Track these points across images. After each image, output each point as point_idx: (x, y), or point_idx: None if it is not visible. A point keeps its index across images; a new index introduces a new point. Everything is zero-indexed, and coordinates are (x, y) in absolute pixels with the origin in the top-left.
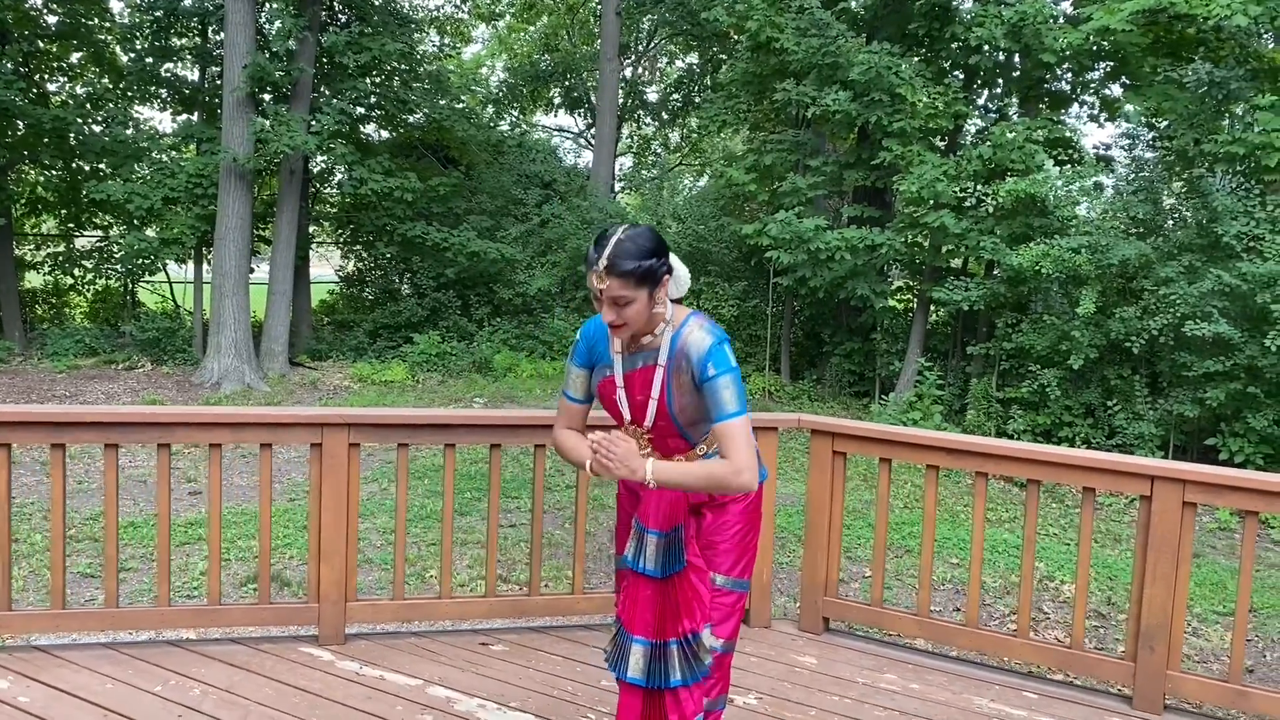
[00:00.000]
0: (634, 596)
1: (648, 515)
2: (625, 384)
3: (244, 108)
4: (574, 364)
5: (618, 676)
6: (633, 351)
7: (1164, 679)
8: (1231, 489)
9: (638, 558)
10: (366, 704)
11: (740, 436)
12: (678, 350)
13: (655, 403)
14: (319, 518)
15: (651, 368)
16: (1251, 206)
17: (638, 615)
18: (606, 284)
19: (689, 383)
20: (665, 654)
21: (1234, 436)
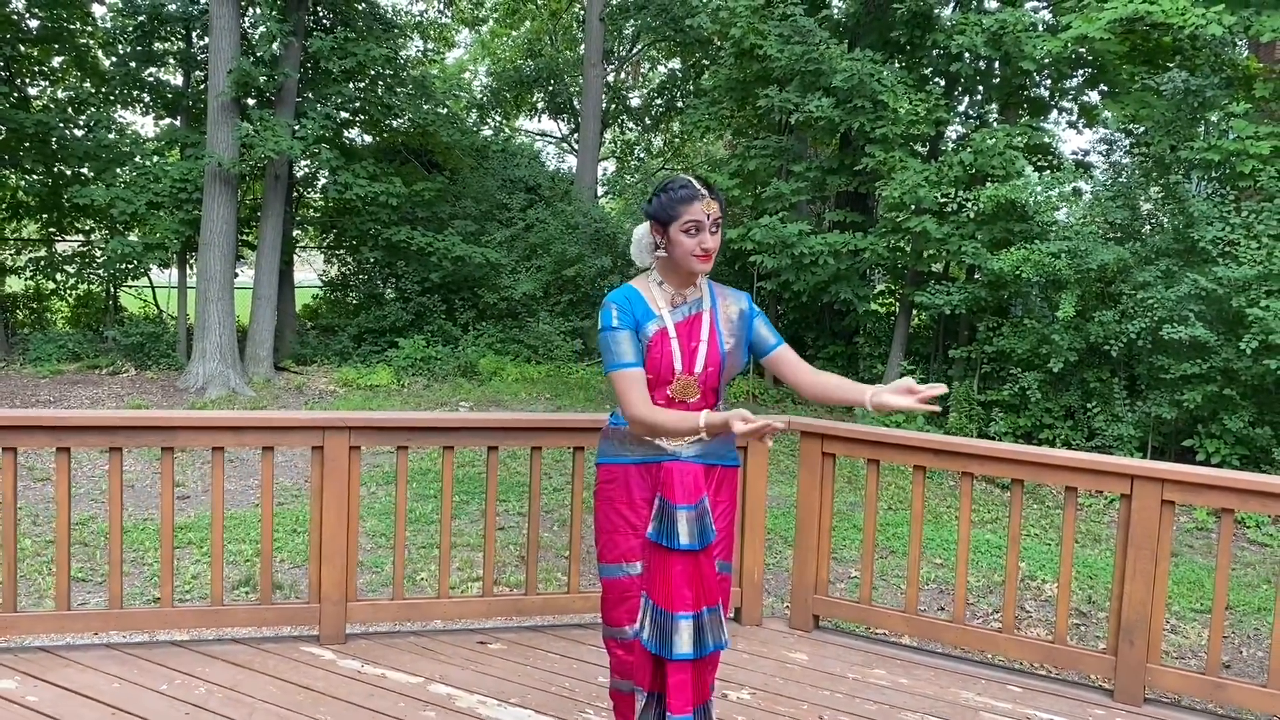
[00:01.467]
0: (666, 575)
1: (675, 492)
2: (676, 333)
3: (228, 112)
4: (621, 329)
5: (669, 659)
6: (677, 305)
7: (1144, 672)
8: (1209, 488)
9: (671, 537)
10: (370, 701)
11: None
12: (716, 294)
13: (706, 345)
14: (320, 519)
15: (699, 315)
16: (1226, 212)
17: (676, 594)
18: (714, 209)
19: (736, 322)
20: (707, 623)
21: (1210, 438)
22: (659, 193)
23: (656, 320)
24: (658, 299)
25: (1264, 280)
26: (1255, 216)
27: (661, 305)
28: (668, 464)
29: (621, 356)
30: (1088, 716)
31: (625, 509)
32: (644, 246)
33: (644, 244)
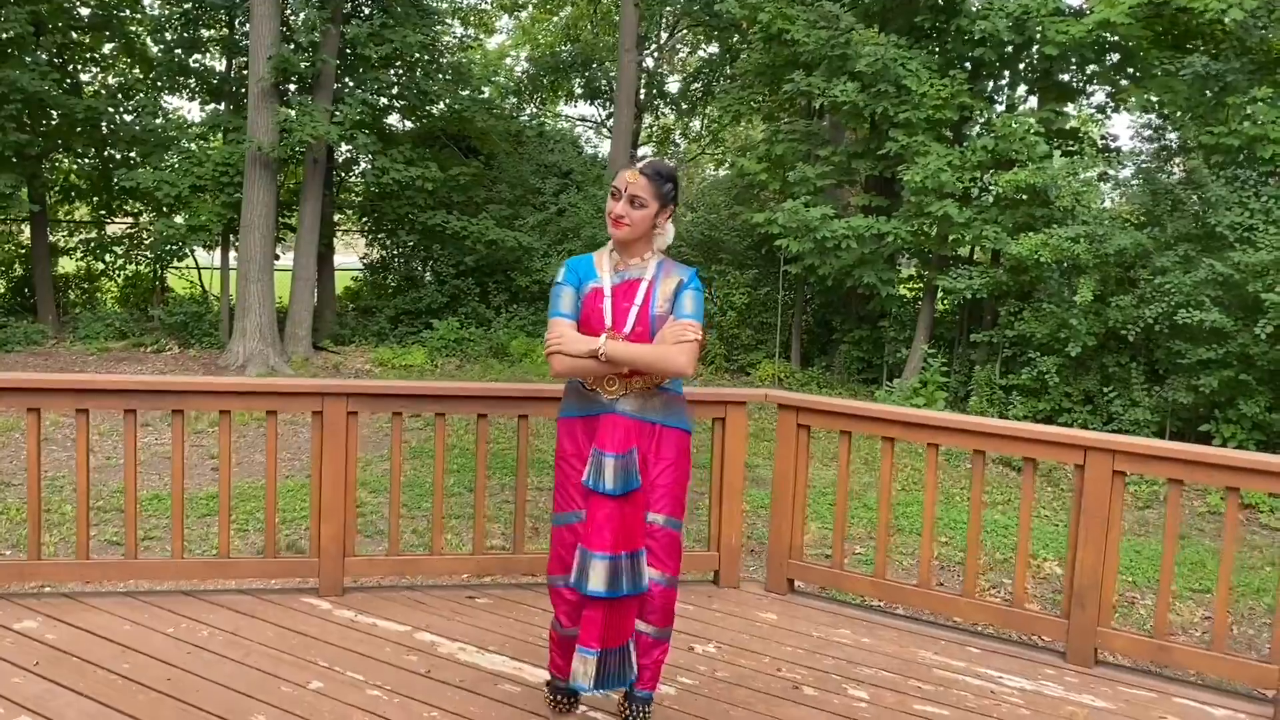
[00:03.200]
0: (594, 518)
1: (605, 441)
2: (612, 293)
3: (269, 98)
4: (564, 285)
5: (583, 593)
6: (619, 270)
7: (1094, 635)
8: (1158, 459)
9: (598, 480)
10: (359, 645)
11: (695, 333)
12: (663, 269)
13: (639, 307)
14: (320, 479)
15: (638, 281)
16: (1246, 197)
17: (595, 533)
18: (635, 180)
19: (672, 292)
20: (623, 567)
21: (1227, 423)
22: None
23: (596, 280)
24: (604, 264)
25: None
26: (1274, 201)
27: (605, 269)
28: (603, 415)
29: (558, 308)
30: (1039, 676)
31: (574, 459)
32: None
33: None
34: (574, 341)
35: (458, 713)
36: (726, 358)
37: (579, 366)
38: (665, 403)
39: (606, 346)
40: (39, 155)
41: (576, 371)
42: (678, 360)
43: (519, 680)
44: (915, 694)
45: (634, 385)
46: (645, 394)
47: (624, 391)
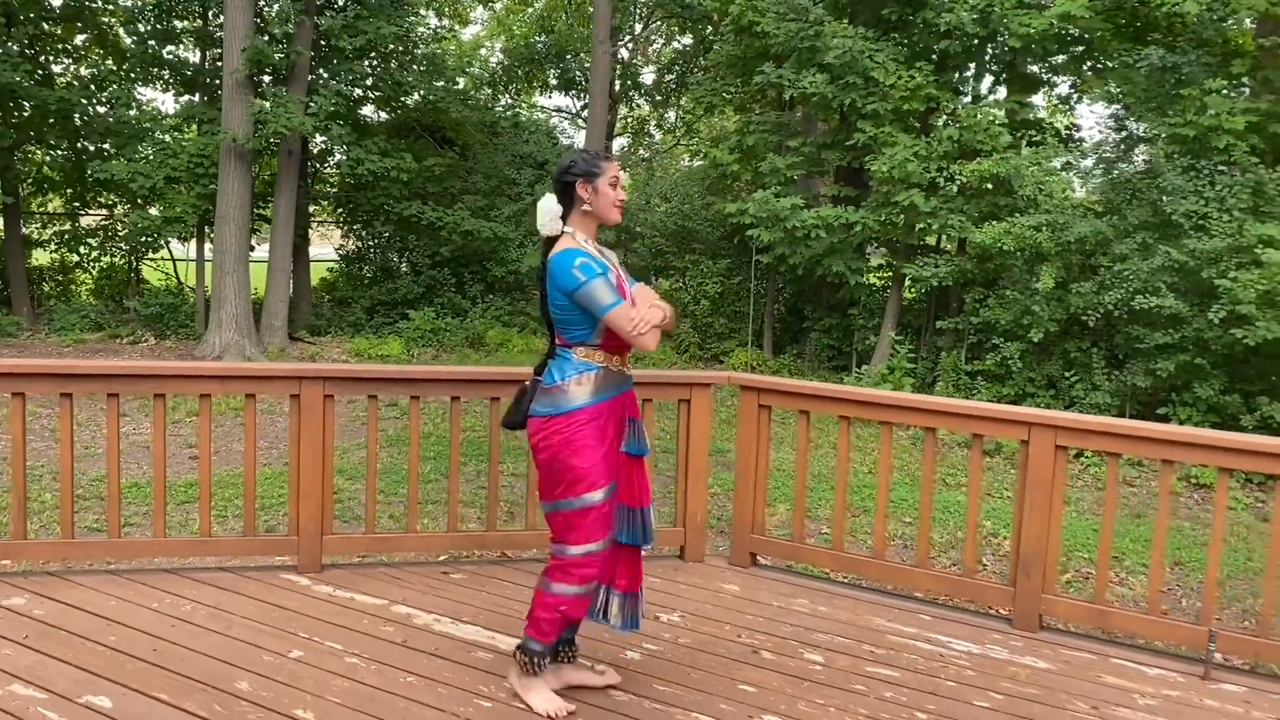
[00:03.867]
0: (638, 479)
1: (635, 410)
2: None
3: (243, 89)
4: (599, 276)
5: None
6: (602, 255)
7: (1039, 601)
8: (1097, 433)
9: (642, 445)
10: (337, 618)
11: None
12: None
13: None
14: (298, 460)
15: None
16: (1201, 186)
17: (643, 492)
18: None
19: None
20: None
21: (1184, 405)
22: (578, 158)
23: (608, 269)
24: (592, 252)
25: (1234, 253)
26: (1228, 190)
27: (603, 256)
28: (629, 390)
29: (609, 299)
30: (986, 641)
31: (598, 442)
32: (554, 215)
33: (554, 213)
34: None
35: (432, 677)
36: (700, 346)
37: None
38: None
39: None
40: (11, 147)
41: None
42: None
43: (492, 648)
44: (868, 658)
45: (623, 362)
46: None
47: (620, 368)
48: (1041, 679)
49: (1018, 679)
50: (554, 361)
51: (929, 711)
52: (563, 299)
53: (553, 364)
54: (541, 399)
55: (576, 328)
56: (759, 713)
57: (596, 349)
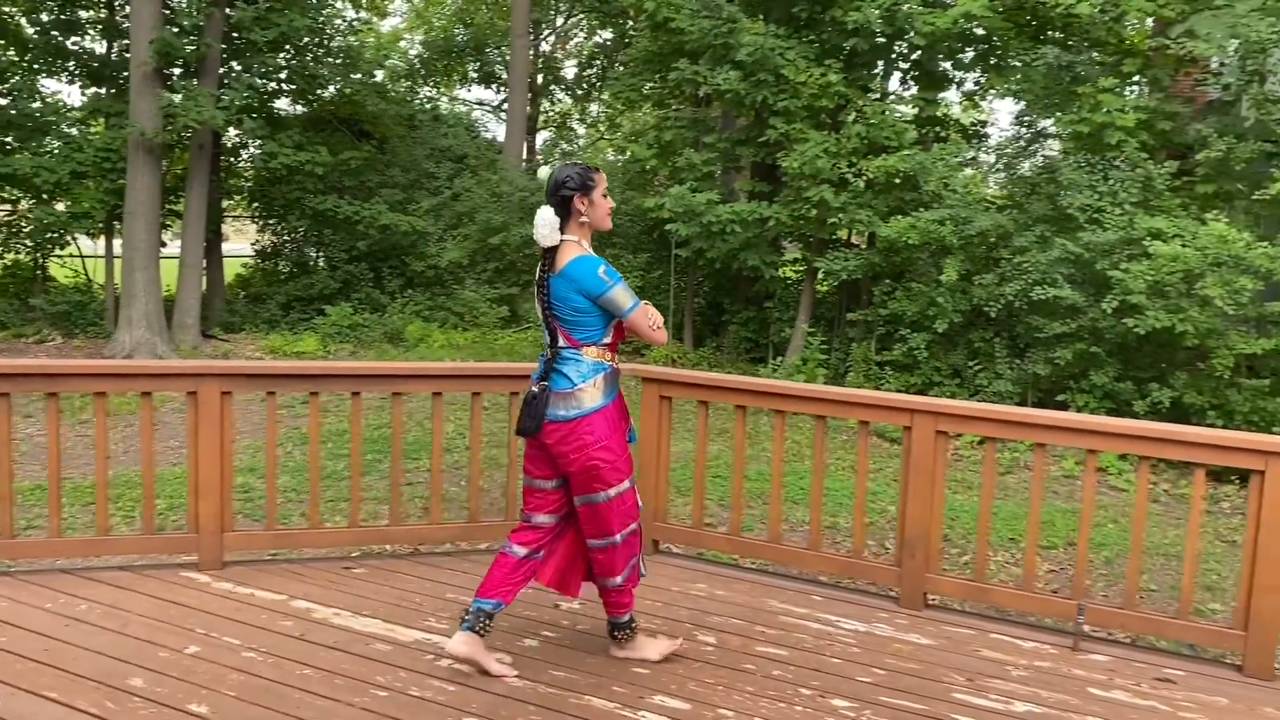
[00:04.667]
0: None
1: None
2: None
3: (151, 82)
4: (620, 278)
5: None
6: None
7: (923, 580)
8: (975, 419)
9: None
10: (235, 614)
11: None
12: None
13: None
14: (196, 458)
15: None
16: (1095, 181)
17: None
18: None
19: None
20: None
21: (1081, 393)
22: (573, 174)
23: None
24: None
25: (1126, 245)
26: (1120, 185)
27: None
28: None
29: (633, 298)
30: (873, 619)
31: (619, 435)
32: (553, 225)
33: (553, 224)
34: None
35: (329, 669)
36: (623, 340)
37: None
38: None
39: None
40: None
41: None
42: None
43: (390, 639)
44: (759, 638)
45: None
46: None
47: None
48: (922, 654)
49: (900, 655)
50: (563, 365)
51: (813, 688)
52: (583, 301)
53: (562, 367)
54: (561, 403)
55: (590, 329)
56: (649, 693)
57: (607, 348)
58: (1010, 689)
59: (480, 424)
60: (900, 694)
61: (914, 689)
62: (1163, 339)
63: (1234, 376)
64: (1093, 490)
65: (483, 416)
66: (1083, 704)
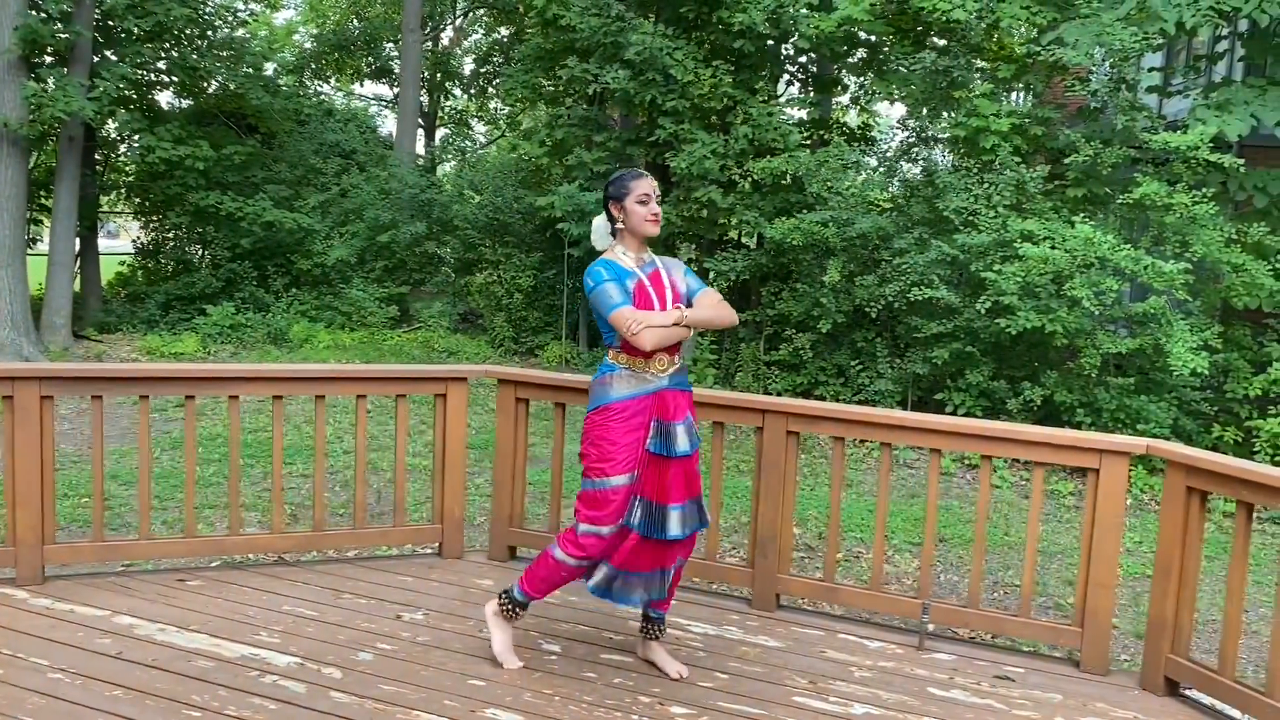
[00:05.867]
0: (665, 476)
1: (669, 412)
2: (653, 283)
3: (16, 70)
4: (608, 281)
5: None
6: (641, 265)
7: (775, 581)
8: (823, 419)
9: (670, 447)
10: (51, 632)
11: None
12: (662, 260)
13: (671, 289)
14: (12, 466)
15: (657, 270)
16: (970, 184)
17: (670, 490)
18: (654, 185)
19: (681, 275)
20: (689, 512)
21: (958, 391)
22: (611, 181)
23: (633, 275)
24: (628, 263)
25: (999, 247)
26: (994, 188)
27: (632, 266)
28: (661, 392)
29: (616, 300)
30: (724, 621)
31: (623, 436)
32: (603, 231)
33: (603, 230)
34: (657, 316)
35: (143, 689)
36: (515, 340)
37: (668, 335)
38: (681, 371)
39: (688, 313)
40: None
41: (665, 340)
42: (731, 312)
43: (214, 656)
44: (605, 645)
45: (675, 363)
46: (678, 368)
47: (672, 369)
48: (768, 657)
49: (745, 658)
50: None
51: (653, 695)
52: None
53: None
54: (590, 395)
55: (607, 331)
56: (482, 706)
57: (620, 351)
58: (851, 690)
59: (324, 429)
60: (740, 699)
61: (754, 693)
62: (1034, 339)
63: (1101, 375)
64: (935, 487)
65: (278, 421)
66: (921, 704)
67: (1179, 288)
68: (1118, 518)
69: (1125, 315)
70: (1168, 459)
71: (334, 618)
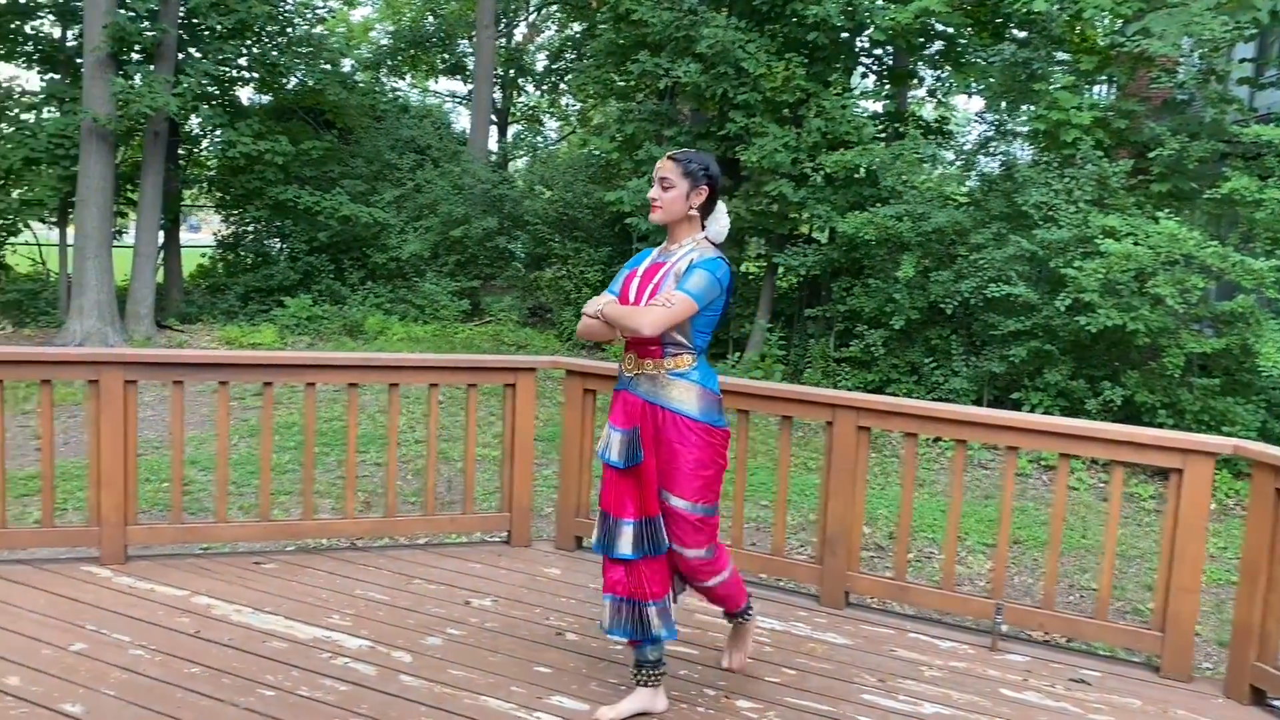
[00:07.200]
0: (616, 489)
1: (616, 416)
2: (642, 273)
3: (105, 67)
4: (623, 270)
5: (609, 556)
6: (662, 255)
7: (844, 579)
8: (895, 414)
9: (605, 451)
10: (131, 610)
11: (672, 302)
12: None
13: (639, 280)
14: (98, 448)
15: (662, 264)
16: (1050, 178)
17: (617, 503)
18: (663, 165)
19: (683, 270)
20: (645, 533)
21: (1035, 390)
22: None
23: (637, 263)
24: (655, 252)
25: (1080, 243)
26: (1074, 182)
27: (655, 255)
28: (623, 392)
29: (610, 287)
30: (792, 617)
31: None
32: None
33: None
34: (590, 303)
35: (219, 667)
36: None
37: (587, 324)
38: (680, 390)
39: (603, 307)
40: None
41: (586, 329)
42: (638, 318)
43: (288, 637)
44: None
45: (646, 367)
46: (656, 378)
47: (637, 371)
48: (837, 654)
49: (813, 654)
50: None
51: (719, 688)
52: None
53: None
54: None
55: None
56: (549, 693)
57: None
58: (921, 690)
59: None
60: (807, 694)
61: (822, 689)
62: (1115, 337)
63: (1185, 375)
64: (1011, 487)
65: (401, 409)
66: (993, 705)
67: (1269, 286)
68: (1201, 520)
69: (1211, 314)
70: (1256, 460)
71: (404, 602)
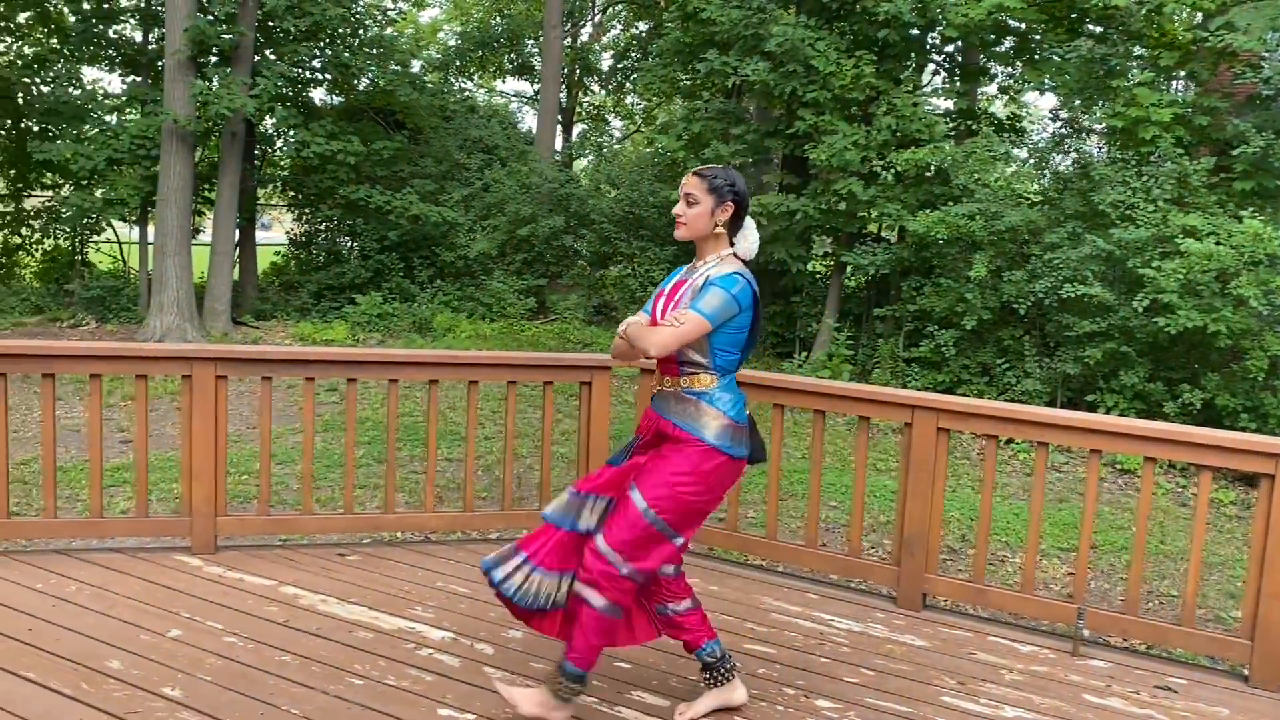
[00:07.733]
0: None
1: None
2: (668, 291)
3: (185, 70)
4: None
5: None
6: (689, 272)
7: (922, 580)
8: (975, 416)
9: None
10: (222, 598)
11: (681, 321)
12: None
13: (655, 299)
14: (190, 441)
15: (685, 281)
16: (1128, 176)
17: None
18: (688, 180)
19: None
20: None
21: (1111, 393)
22: None
23: (668, 282)
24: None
25: (1158, 242)
26: (1153, 181)
27: (685, 273)
28: (649, 408)
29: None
30: (869, 619)
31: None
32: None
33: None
34: (622, 324)
35: (309, 656)
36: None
37: (616, 344)
38: (693, 410)
39: (624, 327)
40: None
41: (615, 349)
42: (646, 339)
43: (373, 627)
44: (749, 635)
45: (665, 384)
46: (674, 396)
47: (658, 387)
48: (915, 655)
49: (892, 655)
50: None
51: (798, 687)
52: None
53: None
54: None
55: None
56: (629, 689)
57: None
58: (1002, 693)
59: (476, 414)
60: (887, 695)
61: (902, 691)
62: (1195, 339)
63: (1269, 379)
64: (1094, 490)
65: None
66: (1076, 710)
67: None
68: None
69: None
70: None
71: (485, 595)
